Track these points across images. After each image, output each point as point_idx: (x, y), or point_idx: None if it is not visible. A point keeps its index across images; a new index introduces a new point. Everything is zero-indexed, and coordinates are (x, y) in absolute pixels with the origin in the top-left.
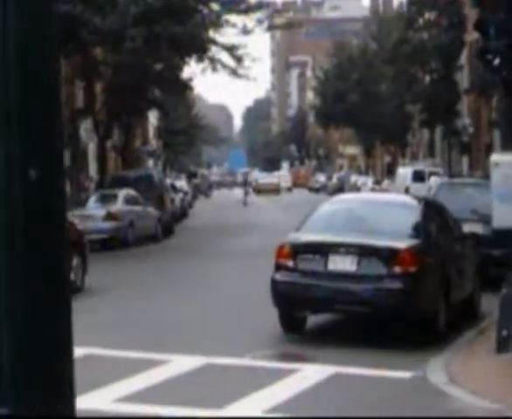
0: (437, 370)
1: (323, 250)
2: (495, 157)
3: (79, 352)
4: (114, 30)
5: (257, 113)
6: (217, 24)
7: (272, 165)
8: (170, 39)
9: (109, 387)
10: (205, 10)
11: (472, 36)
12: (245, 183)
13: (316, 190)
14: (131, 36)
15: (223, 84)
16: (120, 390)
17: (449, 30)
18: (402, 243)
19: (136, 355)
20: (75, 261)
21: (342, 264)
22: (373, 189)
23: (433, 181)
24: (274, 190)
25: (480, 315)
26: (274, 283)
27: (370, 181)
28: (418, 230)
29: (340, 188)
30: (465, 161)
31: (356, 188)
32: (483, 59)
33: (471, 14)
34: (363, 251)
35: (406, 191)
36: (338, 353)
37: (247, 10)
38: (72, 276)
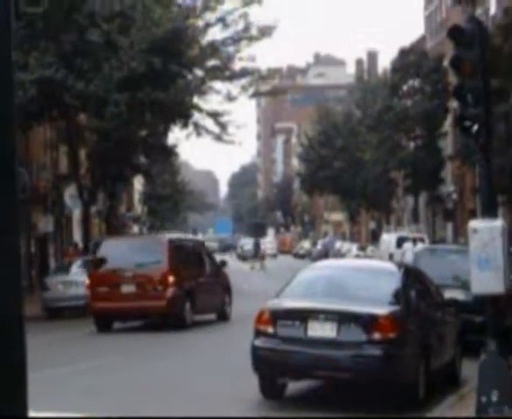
0: None
1: (303, 316)
2: (474, 224)
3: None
4: (98, 95)
5: (243, 179)
6: (202, 90)
7: (256, 231)
8: (154, 105)
9: None
10: (189, 76)
11: (455, 103)
12: (257, 249)
13: (301, 257)
14: (114, 101)
15: (209, 150)
16: None
17: (433, 98)
18: (382, 310)
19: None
20: None
21: (321, 330)
22: (358, 256)
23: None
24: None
25: (461, 381)
26: (254, 349)
27: (354, 247)
28: (398, 296)
29: (324, 255)
30: (449, 227)
31: (341, 255)
32: (462, 126)
33: (454, 81)
34: (343, 318)
35: (390, 257)
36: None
37: (231, 77)
38: None
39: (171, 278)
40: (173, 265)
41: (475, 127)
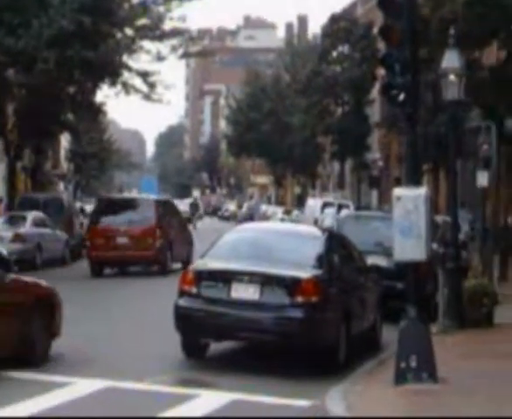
0: (335, 399)
1: (227, 277)
2: (398, 191)
3: None
4: (27, 51)
5: (170, 139)
6: (131, 49)
7: (183, 192)
8: (83, 63)
9: (2, 410)
10: (119, 35)
11: (383, 71)
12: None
13: (226, 219)
14: (43, 58)
15: (136, 109)
16: (13, 414)
17: (361, 64)
18: (304, 273)
19: (34, 377)
20: None
21: (244, 292)
22: (283, 220)
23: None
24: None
25: (382, 346)
26: (177, 308)
27: (280, 211)
28: (321, 260)
29: (250, 218)
30: (374, 194)
31: (266, 218)
32: (388, 95)
33: (383, 49)
34: (266, 280)
35: (315, 223)
36: (238, 381)
37: (162, 37)
38: None
39: (158, 232)
40: (159, 221)
41: (402, 96)
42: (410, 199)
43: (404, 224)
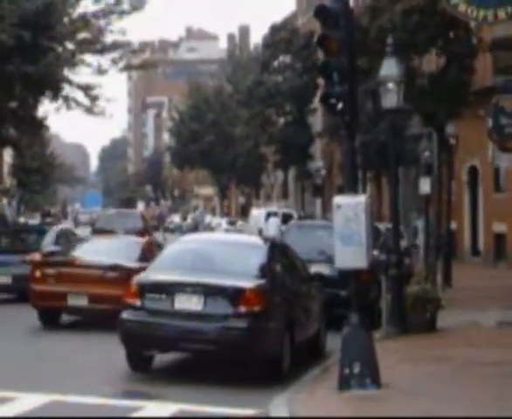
0: (279, 407)
1: (170, 289)
2: (338, 199)
3: None
4: None
5: (113, 152)
6: (72, 63)
7: (127, 205)
8: (23, 78)
9: None
10: (60, 49)
11: None
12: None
13: (171, 231)
14: None
15: (80, 123)
16: None
17: (303, 74)
18: (247, 283)
19: None
20: None
21: (188, 303)
22: (227, 230)
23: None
24: None
25: (326, 354)
26: (121, 321)
27: (224, 221)
28: (263, 270)
29: (194, 229)
30: (318, 202)
31: (211, 229)
32: (327, 104)
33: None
34: (209, 291)
35: (259, 232)
36: (184, 392)
37: (102, 51)
38: None
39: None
40: (145, 227)
41: (340, 105)
42: (350, 207)
43: (345, 232)
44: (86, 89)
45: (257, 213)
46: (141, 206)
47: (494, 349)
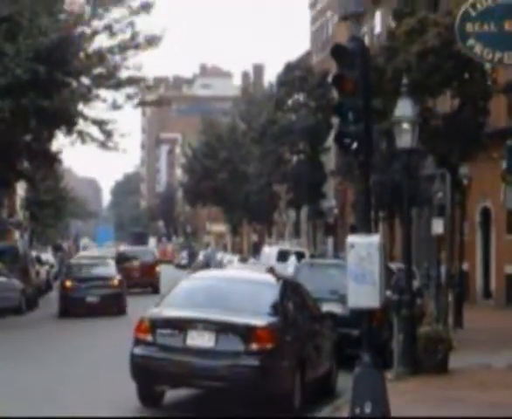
0: None
1: (182, 325)
2: (351, 239)
3: None
4: None
5: (126, 187)
6: (87, 98)
7: (139, 240)
8: (38, 112)
9: None
10: (75, 84)
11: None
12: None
13: (182, 267)
14: None
15: (93, 157)
16: None
17: (317, 113)
18: (259, 321)
19: None
20: None
21: (200, 339)
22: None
23: (291, 260)
24: None
25: (337, 393)
26: (133, 357)
27: (236, 259)
28: (276, 308)
29: (206, 266)
30: (330, 241)
31: (222, 266)
32: (341, 143)
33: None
34: (221, 328)
35: (271, 270)
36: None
37: (117, 86)
38: None
39: (157, 268)
40: (157, 260)
41: (355, 145)
42: (363, 246)
43: (358, 272)
44: (100, 124)
45: (268, 251)
46: (152, 242)
47: (506, 391)
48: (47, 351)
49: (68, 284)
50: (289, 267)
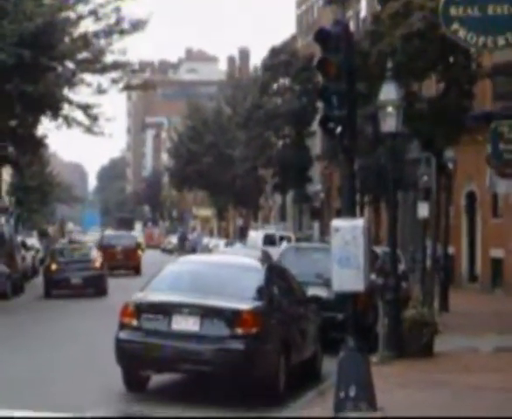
0: None
1: (167, 310)
2: (336, 223)
3: None
4: None
5: (112, 172)
6: (72, 82)
7: (125, 225)
8: (23, 97)
9: None
10: (60, 69)
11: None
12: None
13: (169, 251)
14: None
15: (78, 142)
16: None
17: (302, 97)
18: (244, 305)
19: None
20: None
21: (185, 324)
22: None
23: (284, 246)
24: None
25: (322, 377)
26: (118, 341)
27: (221, 243)
28: (260, 292)
29: (192, 250)
30: (316, 225)
31: (208, 250)
32: (326, 127)
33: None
34: (206, 312)
35: (265, 253)
36: (180, 412)
37: (103, 70)
38: None
39: (139, 251)
40: (137, 245)
41: (339, 129)
42: (348, 230)
43: (342, 255)
44: (85, 108)
45: (254, 235)
46: (138, 226)
47: (491, 374)
48: (33, 336)
49: (53, 267)
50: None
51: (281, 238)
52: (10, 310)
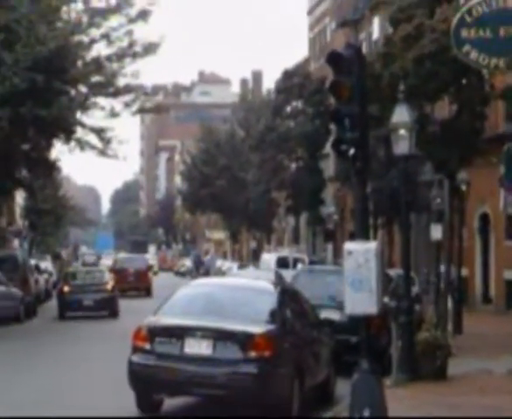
0: None
1: (180, 333)
2: (348, 245)
3: None
4: None
5: (125, 195)
6: (85, 106)
7: (138, 248)
8: (36, 121)
9: None
10: (73, 92)
11: None
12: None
13: (182, 274)
14: None
15: (92, 165)
16: None
17: (315, 119)
18: (257, 328)
19: None
20: None
21: (197, 347)
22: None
23: (300, 268)
24: None
25: (335, 399)
26: (131, 365)
27: (235, 266)
28: (274, 315)
29: (206, 273)
30: (330, 247)
31: (222, 273)
32: (338, 149)
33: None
34: (219, 335)
35: (279, 275)
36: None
37: (115, 94)
38: None
39: (149, 273)
40: (147, 267)
41: (352, 151)
42: (360, 253)
43: (355, 278)
44: (99, 132)
45: (268, 257)
46: (152, 249)
47: (506, 396)
48: (45, 360)
49: (66, 289)
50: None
51: (296, 261)
52: (22, 334)
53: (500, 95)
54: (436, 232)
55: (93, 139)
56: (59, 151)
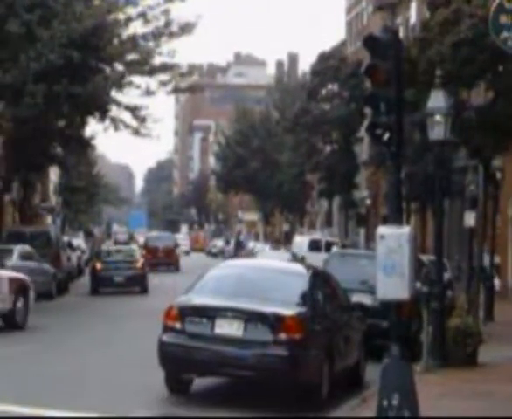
0: None
1: (210, 313)
2: (381, 230)
3: None
4: (14, 85)
5: (159, 174)
6: (120, 84)
7: (171, 227)
8: (71, 98)
9: None
10: (108, 70)
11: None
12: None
13: (214, 255)
14: (31, 92)
15: (126, 144)
16: None
17: (350, 103)
18: (288, 310)
19: (12, 409)
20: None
21: (228, 328)
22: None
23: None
24: None
25: (365, 384)
26: (161, 344)
27: (267, 247)
28: (305, 298)
29: (237, 254)
30: (362, 231)
31: (252, 254)
32: (373, 134)
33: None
34: (250, 317)
35: (302, 260)
36: (222, 416)
37: (151, 72)
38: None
39: (177, 250)
40: (175, 245)
41: (386, 135)
42: (393, 238)
43: (387, 263)
44: (133, 110)
45: (300, 240)
46: (184, 229)
47: None
48: (77, 337)
49: (99, 266)
50: None
51: (328, 244)
52: (53, 310)
53: None
54: (469, 219)
55: (127, 117)
56: (94, 131)
